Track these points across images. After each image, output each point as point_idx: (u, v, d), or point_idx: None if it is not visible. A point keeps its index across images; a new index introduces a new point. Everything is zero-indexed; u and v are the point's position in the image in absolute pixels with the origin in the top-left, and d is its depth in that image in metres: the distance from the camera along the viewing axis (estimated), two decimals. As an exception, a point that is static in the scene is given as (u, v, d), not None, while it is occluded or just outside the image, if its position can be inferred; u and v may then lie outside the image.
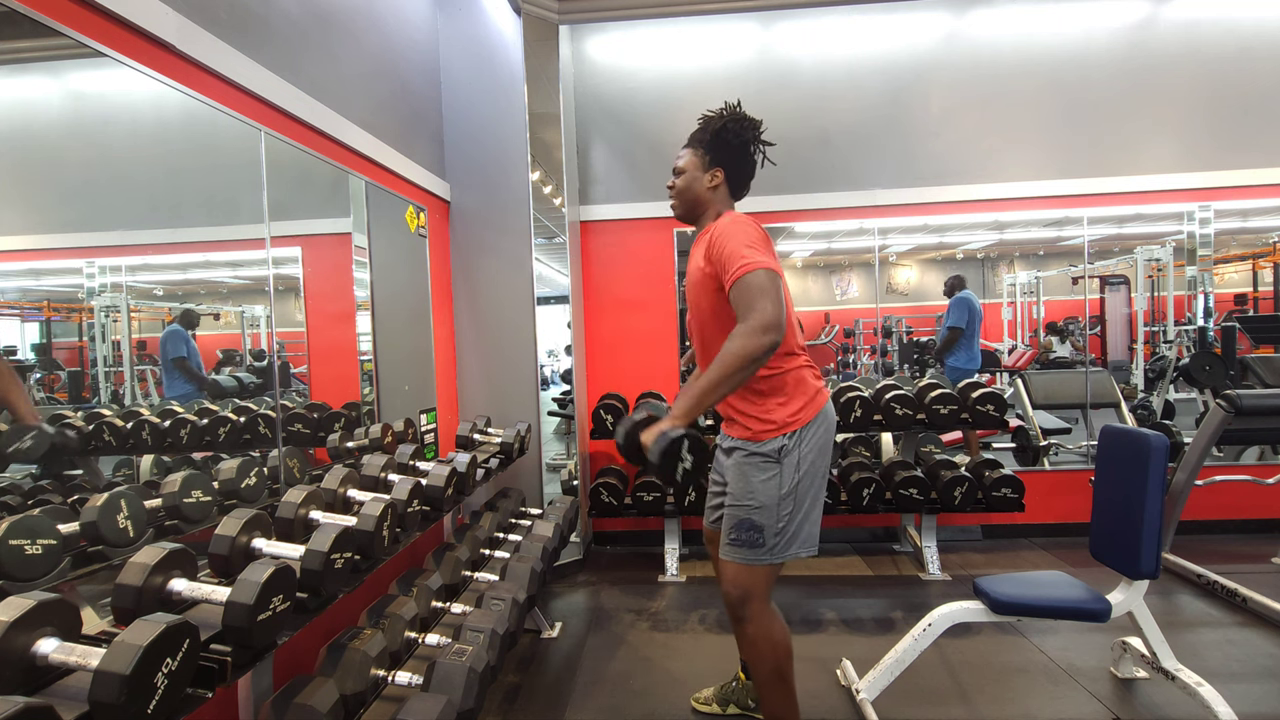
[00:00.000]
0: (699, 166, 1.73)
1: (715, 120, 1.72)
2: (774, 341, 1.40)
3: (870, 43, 3.65)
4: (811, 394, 1.65)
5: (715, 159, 1.72)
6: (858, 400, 3.18)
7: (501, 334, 3.21)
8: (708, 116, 1.75)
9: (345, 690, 1.36)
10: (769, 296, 1.42)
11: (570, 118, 3.59)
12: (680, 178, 1.75)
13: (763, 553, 1.61)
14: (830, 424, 1.70)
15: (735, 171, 1.74)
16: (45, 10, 1.20)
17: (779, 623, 1.67)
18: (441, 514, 1.93)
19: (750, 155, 1.74)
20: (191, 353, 1.73)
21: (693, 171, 1.74)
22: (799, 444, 1.62)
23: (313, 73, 2.07)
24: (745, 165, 1.75)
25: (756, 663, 1.67)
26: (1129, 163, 3.59)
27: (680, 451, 1.41)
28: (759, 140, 1.73)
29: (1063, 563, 3.26)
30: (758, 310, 1.40)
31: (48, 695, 0.84)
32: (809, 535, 1.66)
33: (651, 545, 3.54)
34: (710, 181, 1.73)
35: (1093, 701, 2.05)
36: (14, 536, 1.01)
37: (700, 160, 1.73)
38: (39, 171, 1.34)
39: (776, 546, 1.61)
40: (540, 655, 2.48)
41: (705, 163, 1.73)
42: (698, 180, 1.73)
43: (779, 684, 1.66)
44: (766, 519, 1.61)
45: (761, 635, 1.64)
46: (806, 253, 4.80)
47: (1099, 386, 3.94)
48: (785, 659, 1.66)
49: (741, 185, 1.77)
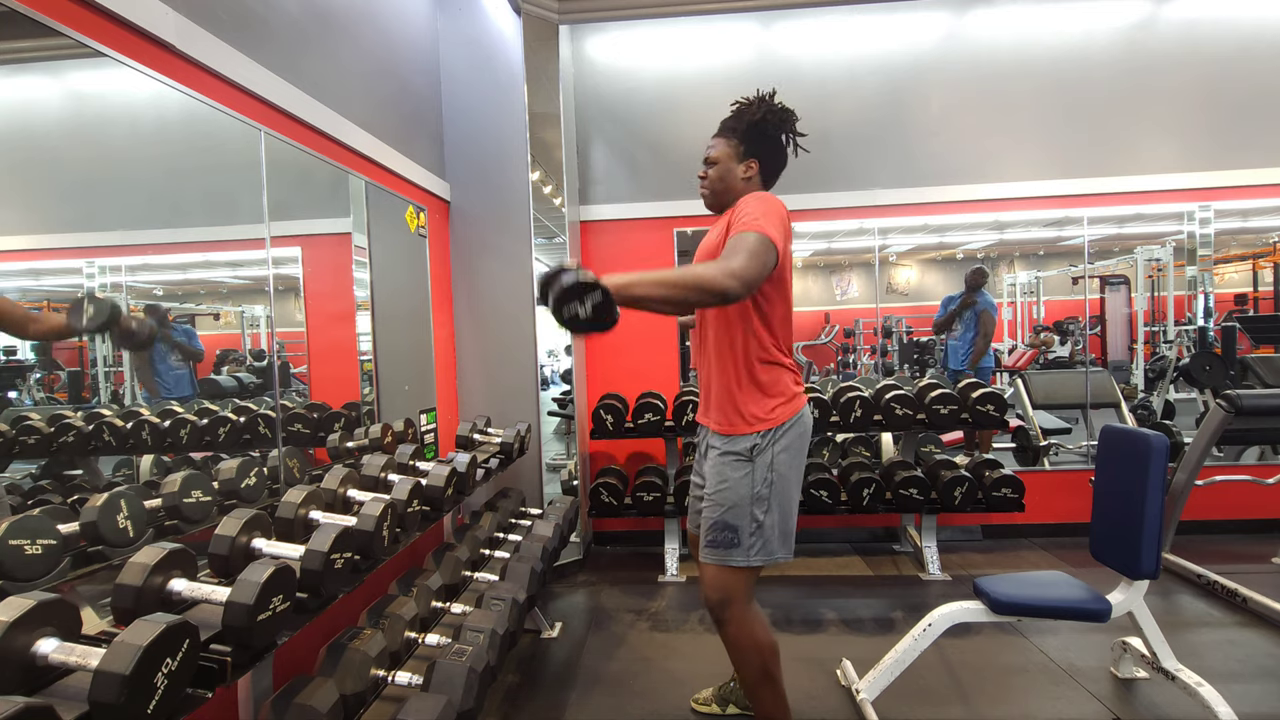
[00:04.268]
0: (733, 157, 1.68)
1: (752, 110, 1.67)
2: (734, 291, 1.36)
3: (870, 42, 3.65)
4: (789, 396, 1.63)
5: (750, 150, 1.67)
6: (858, 400, 3.17)
7: (501, 334, 3.21)
8: (742, 105, 1.70)
9: (345, 690, 1.36)
10: (757, 257, 1.40)
11: (570, 118, 3.59)
12: (713, 169, 1.70)
13: (738, 554, 1.59)
14: (805, 429, 1.66)
15: (769, 164, 1.70)
16: (45, 10, 1.20)
17: (761, 624, 1.66)
18: (441, 514, 1.93)
19: (784, 147, 1.70)
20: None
21: (726, 163, 1.68)
22: (772, 443, 1.60)
23: (313, 73, 2.07)
24: (780, 157, 1.71)
25: (741, 665, 1.66)
26: (1129, 163, 3.59)
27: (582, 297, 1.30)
28: (795, 132, 1.70)
29: (1063, 563, 3.26)
30: (739, 260, 1.38)
31: (48, 695, 0.83)
32: (785, 538, 1.63)
33: (651, 545, 3.54)
34: (745, 173, 1.68)
35: (1093, 701, 2.05)
36: (14, 536, 1.01)
37: (735, 151, 1.68)
38: (39, 171, 1.34)
39: (753, 548, 1.59)
40: (540, 655, 2.48)
41: (740, 154, 1.68)
42: (731, 172, 1.68)
43: (766, 684, 1.65)
44: (740, 519, 1.59)
45: (744, 636, 1.63)
46: (806, 253, 4.80)
47: (1099, 386, 3.94)
48: (771, 659, 1.65)
49: (773, 177, 1.73)
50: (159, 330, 1.60)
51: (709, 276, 1.35)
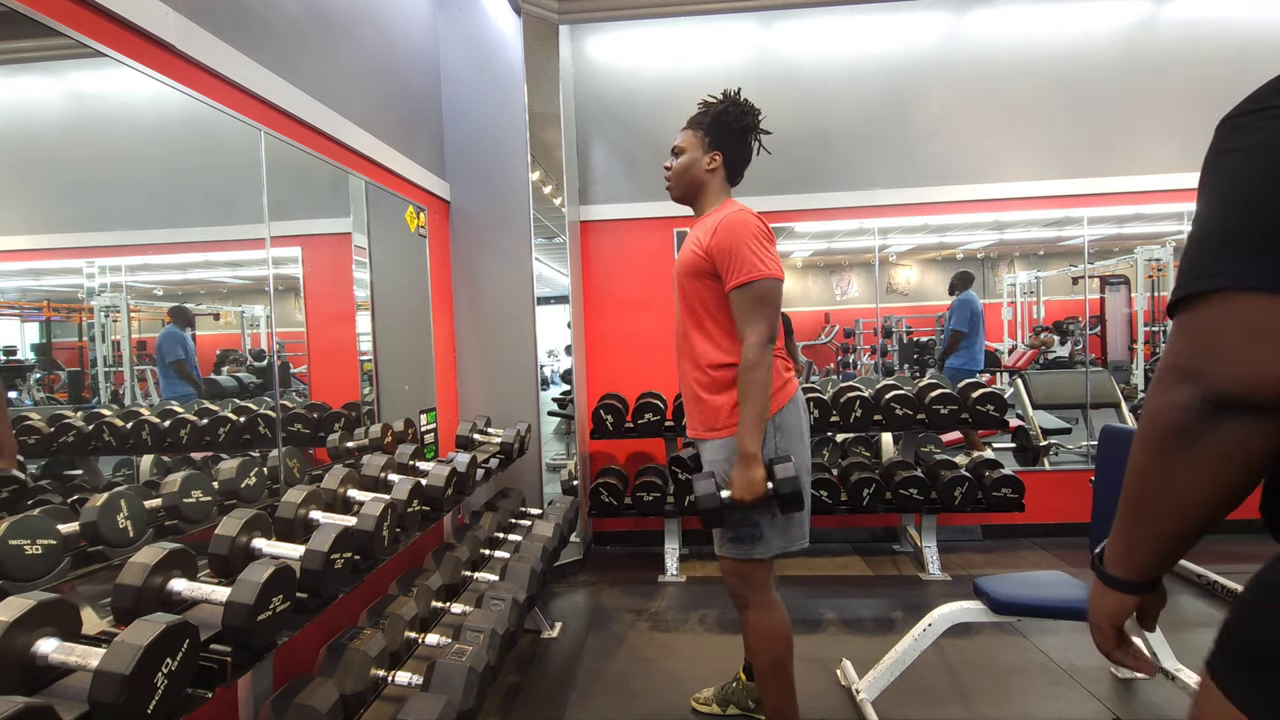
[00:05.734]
0: (698, 148, 1.74)
1: (717, 104, 1.74)
2: (770, 349, 1.57)
3: (870, 42, 3.64)
4: (781, 383, 1.68)
5: (714, 142, 1.73)
6: (858, 400, 3.17)
7: (501, 334, 3.21)
8: (708, 101, 1.77)
9: (345, 690, 1.36)
10: (771, 305, 1.58)
11: (570, 118, 3.59)
12: (679, 158, 1.76)
13: (761, 547, 1.64)
14: (801, 409, 1.72)
15: (733, 156, 1.75)
16: (45, 10, 1.20)
17: (780, 612, 1.71)
18: (441, 514, 1.93)
19: (748, 142, 1.76)
20: (189, 354, 1.72)
21: (692, 152, 1.75)
22: (776, 433, 1.65)
23: (313, 73, 2.07)
24: (743, 151, 1.77)
25: (758, 650, 1.70)
26: (1129, 163, 3.59)
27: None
28: (758, 128, 1.75)
29: (1063, 563, 3.26)
30: (759, 325, 1.56)
31: (48, 695, 0.83)
32: (800, 525, 1.68)
33: (651, 545, 3.54)
34: (709, 164, 1.74)
35: (1092, 701, 2.05)
36: (14, 536, 1.01)
37: (700, 141, 1.74)
38: (39, 171, 1.34)
39: (774, 541, 1.64)
40: (540, 655, 2.48)
41: (705, 145, 1.74)
42: (696, 162, 1.74)
43: (778, 674, 1.70)
44: (762, 514, 1.63)
45: (764, 622, 1.69)
46: (806, 253, 4.80)
47: (1099, 386, 3.94)
48: (785, 650, 1.69)
49: (738, 171, 1.79)
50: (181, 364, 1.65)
51: (755, 361, 1.55)
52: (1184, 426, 0.55)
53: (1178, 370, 0.56)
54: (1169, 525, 0.62)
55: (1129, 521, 0.67)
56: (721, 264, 1.59)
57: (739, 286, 1.57)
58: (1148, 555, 0.67)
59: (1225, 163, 0.57)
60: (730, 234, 1.58)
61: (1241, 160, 0.56)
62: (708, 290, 1.65)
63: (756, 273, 1.55)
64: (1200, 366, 0.53)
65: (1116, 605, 0.72)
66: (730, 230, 1.59)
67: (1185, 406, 0.55)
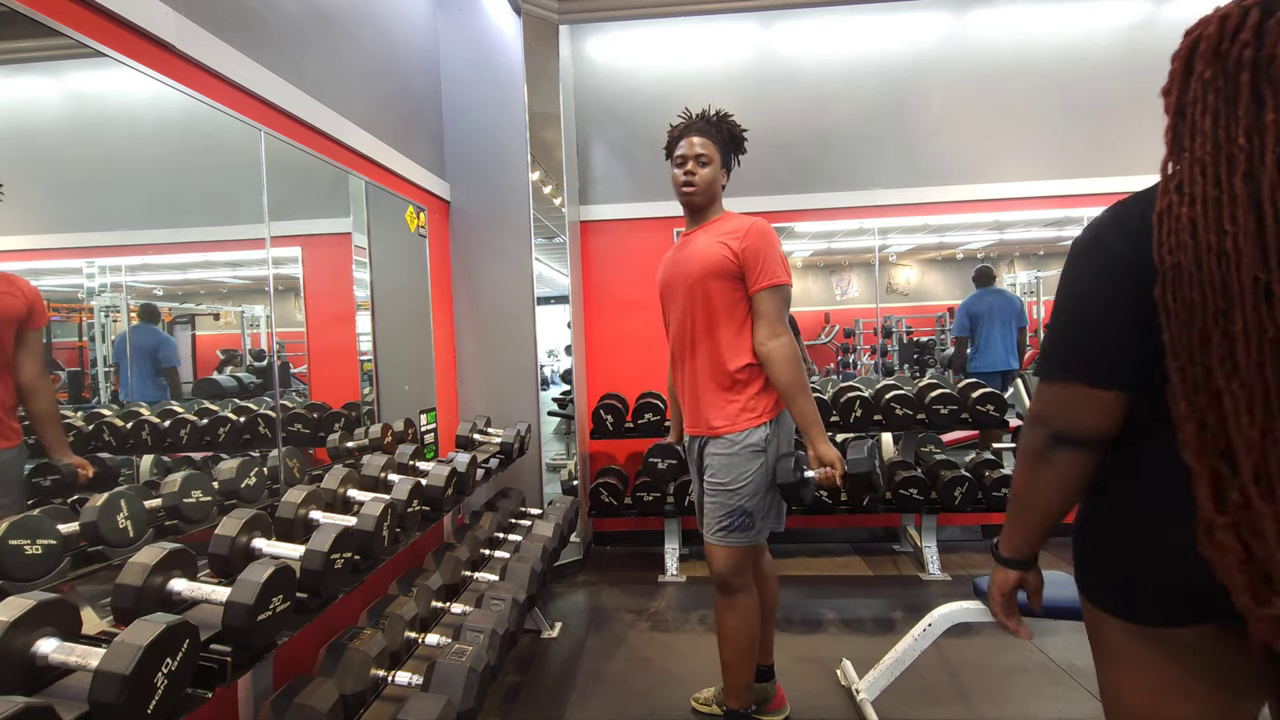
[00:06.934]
0: (718, 160, 1.81)
1: (733, 125, 1.83)
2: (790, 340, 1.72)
3: (870, 42, 3.64)
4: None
5: (724, 160, 1.83)
6: (858, 400, 3.18)
7: (501, 334, 3.21)
8: (723, 117, 1.82)
9: (345, 690, 1.36)
10: (786, 308, 1.75)
11: (570, 118, 3.59)
12: (706, 168, 1.79)
13: (753, 534, 1.75)
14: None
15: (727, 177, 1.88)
16: (45, 10, 1.20)
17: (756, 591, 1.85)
18: (441, 514, 1.93)
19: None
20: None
21: (716, 163, 1.81)
22: (778, 431, 1.77)
23: (313, 73, 2.07)
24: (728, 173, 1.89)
25: (739, 632, 1.78)
26: (1129, 163, 3.58)
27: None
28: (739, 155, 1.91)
29: (1063, 562, 3.26)
30: (782, 324, 1.71)
31: (48, 695, 0.83)
32: (781, 510, 1.85)
33: (651, 545, 3.54)
34: (724, 179, 1.84)
35: (1092, 701, 2.05)
36: (14, 536, 1.01)
37: (721, 156, 1.82)
38: (39, 171, 1.34)
39: (764, 529, 1.78)
40: (540, 655, 2.48)
41: (722, 159, 1.82)
42: (718, 177, 1.81)
43: (751, 649, 1.80)
44: (757, 506, 1.73)
45: (750, 604, 1.79)
46: (806, 253, 4.80)
47: (1099, 386, 3.92)
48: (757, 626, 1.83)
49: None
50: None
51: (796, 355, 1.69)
52: (1041, 451, 0.89)
53: (1038, 417, 0.89)
54: (1035, 516, 0.99)
55: (1011, 515, 1.02)
56: (751, 266, 1.70)
57: (772, 288, 1.69)
58: (1023, 539, 1.04)
59: (1068, 282, 0.87)
60: (762, 239, 1.70)
61: (1072, 287, 0.87)
62: (732, 292, 1.73)
63: (784, 278, 1.70)
64: (1049, 417, 0.87)
65: (1004, 578, 1.08)
66: (761, 236, 1.71)
67: (1040, 439, 0.89)
